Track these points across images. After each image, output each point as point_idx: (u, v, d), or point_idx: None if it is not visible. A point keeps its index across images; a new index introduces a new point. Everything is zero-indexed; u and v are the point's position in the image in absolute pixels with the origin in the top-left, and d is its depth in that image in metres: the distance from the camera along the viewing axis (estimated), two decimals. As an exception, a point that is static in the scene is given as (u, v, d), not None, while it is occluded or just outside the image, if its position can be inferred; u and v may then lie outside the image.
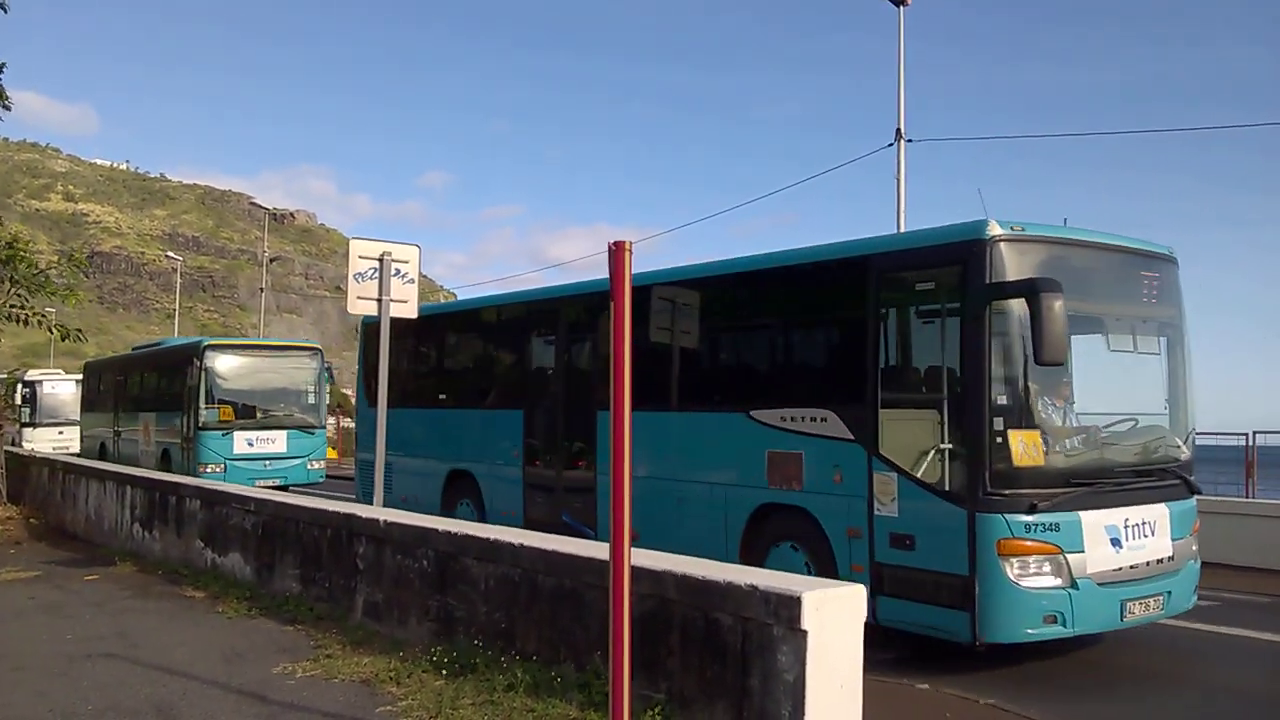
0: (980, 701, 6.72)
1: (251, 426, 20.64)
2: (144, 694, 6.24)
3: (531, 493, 11.95)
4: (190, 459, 20.38)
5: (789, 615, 4.58)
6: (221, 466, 19.81)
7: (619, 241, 4.12)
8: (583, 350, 12.13)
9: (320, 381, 22.13)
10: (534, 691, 5.73)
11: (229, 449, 20.19)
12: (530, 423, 12.23)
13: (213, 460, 19.93)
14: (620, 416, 4.12)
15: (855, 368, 8.49)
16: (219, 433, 20.21)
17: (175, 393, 22.10)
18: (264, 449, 20.56)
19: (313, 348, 22.98)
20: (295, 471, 20.96)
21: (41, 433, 34.68)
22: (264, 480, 19.20)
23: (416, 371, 14.98)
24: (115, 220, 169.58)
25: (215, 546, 10.49)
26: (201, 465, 19.73)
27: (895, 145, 20.32)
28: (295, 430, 21.13)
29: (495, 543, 6.64)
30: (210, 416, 20.28)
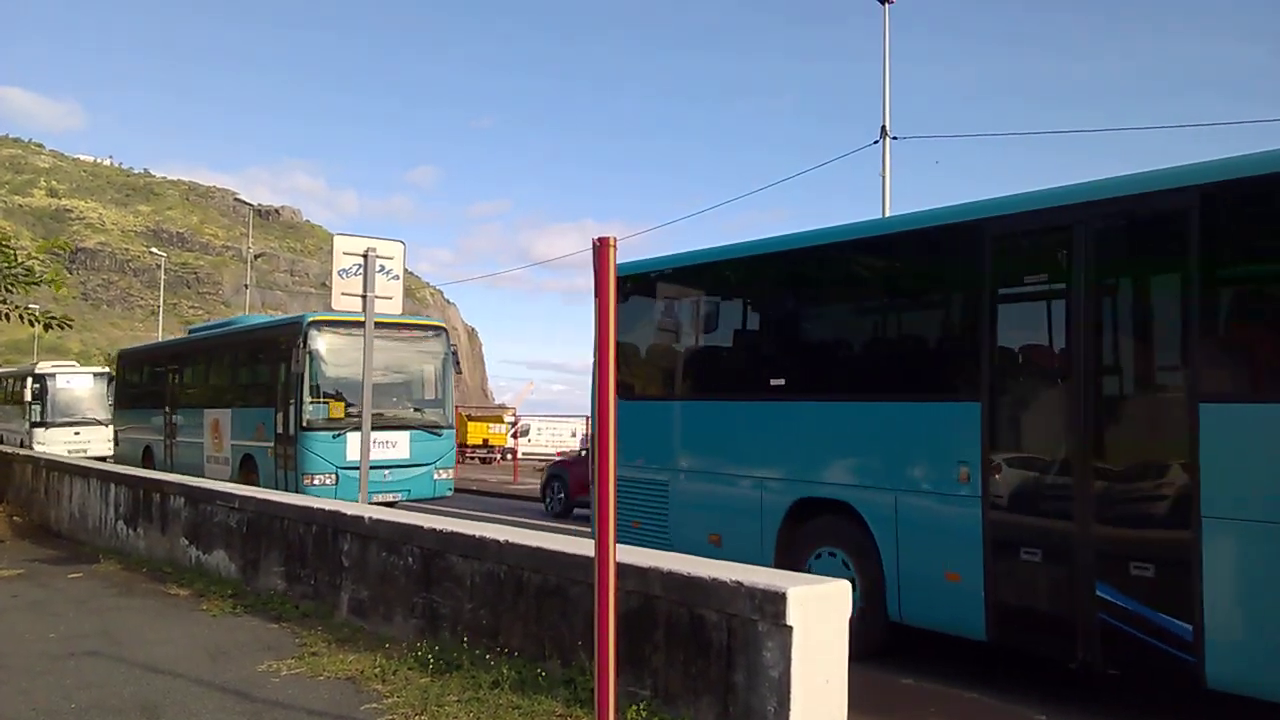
0: (965, 696, 6.75)
1: (374, 426, 16.31)
2: (128, 692, 6.21)
3: (1004, 553, 7.09)
4: (288, 468, 16.20)
5: (774, 611, 4.60)
6: (332, 478, 15.66)
7: (604, 237, 4.12)
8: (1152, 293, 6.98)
9: (447, 368, 17.70)
10: (519, 688, 5.73)
11: (340, 455, 15.78)
12: (1004, 421, 7.41)
13: (321, 470, 15.73)
14: (605, 410, 4.12)
15: None
16: (329, 434, 15.86)
17: (263, 384, 17.90)
18: (383, 455, 15.87)
19: (438, 326, 18.36)
20: (419, 482, 16.82)
21: (55, 434, 30.55)
22: (383, 495, 15.38)
23: (716, 344, 10.37)
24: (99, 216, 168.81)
25: (200, 544, 10.46)
26: (307, 476, 15.61)
27: (881, 142, 20.38)
28: (420, 431, 16.88)
29: (481, 540, 6.64)
30: (317, 413, 15.97)
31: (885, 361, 8.67)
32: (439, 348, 17.65)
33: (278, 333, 17.65)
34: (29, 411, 31.09)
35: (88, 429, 31.00)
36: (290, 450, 16.06)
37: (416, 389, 17.53)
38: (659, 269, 10.71)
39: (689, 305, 10.54)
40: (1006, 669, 7.73)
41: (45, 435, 30.44)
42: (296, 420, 15.91)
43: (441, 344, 17.70)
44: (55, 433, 30.61)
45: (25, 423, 31.30)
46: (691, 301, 10.52)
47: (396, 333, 17.06)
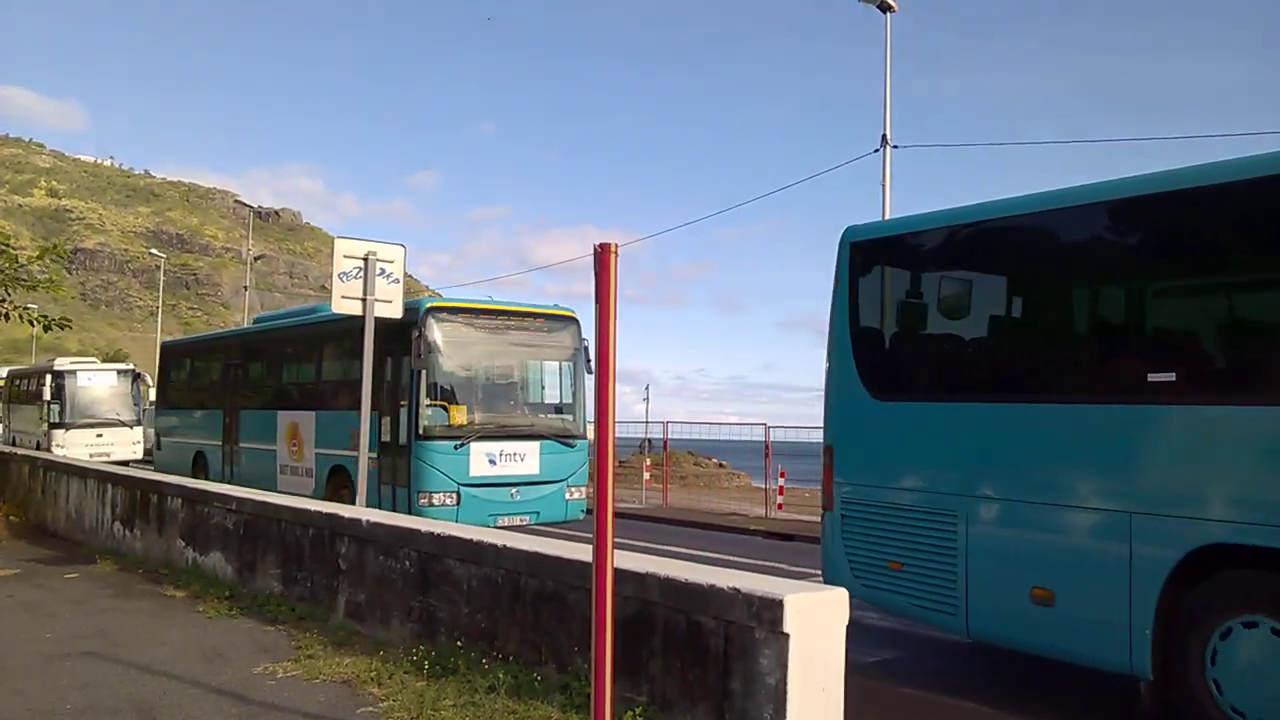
0: (964, 705, 6.75)
1: (494, 435, 13.70)
2: (124, 693, 6.20)
3: None
4: (396, 484, 13.72)
5: (771, 618, 4.59)
6: (453, 497, 13.21)
7: (605, 244, 4.12)
8: None
9: (579, 365, 14.99)
10: (515, 693, 5.72)
11: (463, 470, 13.29)
12: None
13: (441, 487, 13.17)
14: (604, 413, 4.11)
15: None
16: (449, 444, 13.28)
17: (356, 381, 14.68)
18: (509, 469, 13.65)
19: (568, 315, 15.15)
20: (550, 503, 14.25)
21: (75, 436, 28.12)
22: (509, 517, 13.52)
23: (1049, 326, 7.53)
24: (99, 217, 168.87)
25: (196, 545, 10.45)
26: (423, 495, 13.11)
27: (881, 151, 20.39)
28: (552, 441, 14.24)
29: (478, 544, 6.63)
30: (436, 419, 13.43)
31: None
32: (570, 341, 15.00)
33: (385, 322, 15.54)
34: (47, 412, 28.83)
35: (111, 431, 28.90)
36: (401, 463, 13.58)
37: (547, 391, 15.18)
38: (932, 227, 8.16)
39: (992, 272, 7.89)
40: (1007, 680, 7.72)
41: (64, 438, 28.14)
42: (410, 427, 13.42)
43: (573, 336, 15.03)
44: (75, 435, 28.30)
45: (42, 424, 29.16)
46: (996, 266, 7.80)
47: (520, 322, 14.59)
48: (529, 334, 14.67)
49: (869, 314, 8.53)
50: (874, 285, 8.56)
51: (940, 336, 8.29)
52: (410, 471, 13.31)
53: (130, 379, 30.08)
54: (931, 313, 8.25)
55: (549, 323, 14.87)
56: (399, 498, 13.57)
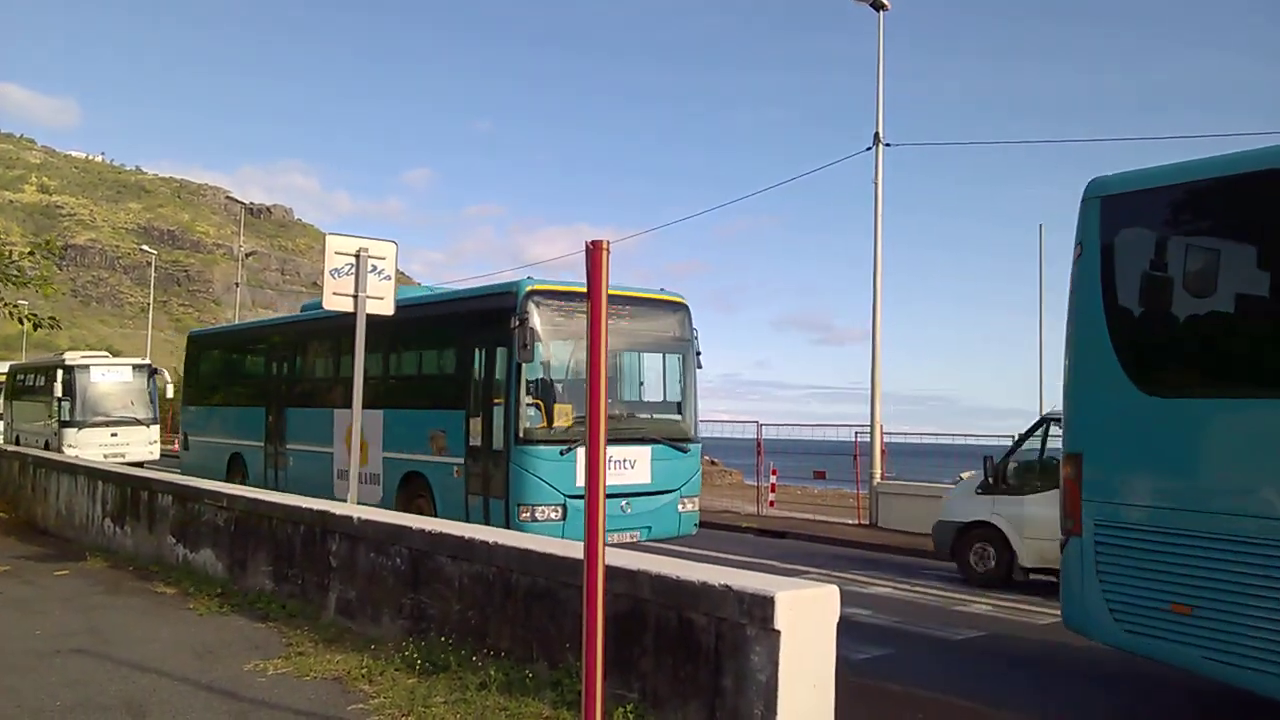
0: (956, 703, 6.76)
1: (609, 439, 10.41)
2: (114, 691, 6.19)
3: None
4: (490, 494, 11.99)
5: (762, 615, 4.60)
6: (558, 511, 11.53)
7: (596, 241, 4.12)
8: None
9: (690, 358, 13.29)
10: (507, 690, 5.72)
11: (569, 479, 11.53)
12: None
13: (544, 499, 11.50)
14: (596, 413, 4.12)
15: None
16: (554, 449, 11.57)
17: (446, 376, 13.64)
18: (619, 478, 11.79)
19: (677, 301, 13.42)
20: (663, 516, 12.54)
21: (87, 435, 26.31)
22: (619, 534, 11.94)
23: None
24: (90, 213, 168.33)
25: (187, 542, 10.42)
26: (524, 508, 11.45)
27: (874, 149, 20.42)
28: (664, 446, 12.60)
29: (470, 541, 6.63)
30: (539, 419, 11.73)
31: None
32: (681, 329, 13.26)
33: (474, 306, 13.20)
34: (58, 409, 26.85)
35: (126, 430, 27.11)
36: (495, 471, 11.87)
37: (656, 387, 13.39)
38: (1225, 173, 6.35)
39: None
40: (997, 678, 7.75)
41: (76, 437, 26.25)
42: (507, 429, 11.70)
43: (683, 325, 13.29)
44: (88, 434, 26.42)
45: (52, 422, 27.31)
46: None
47: (630, 309, 12.73)
48: (638, 322, 12.96)
49: (1131, 285, 6.79)
50: (1139, 249, 6.81)
51: (1240, 310, 6.38)
52: (508, 481, 11.58)
53: (146, 374, 28.50)
54: (1229, 277, 6.40)
55: (659, 309, 13.20)
56: (493, 511, 11.82)
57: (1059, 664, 8.33)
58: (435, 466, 13.06)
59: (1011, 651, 8.71)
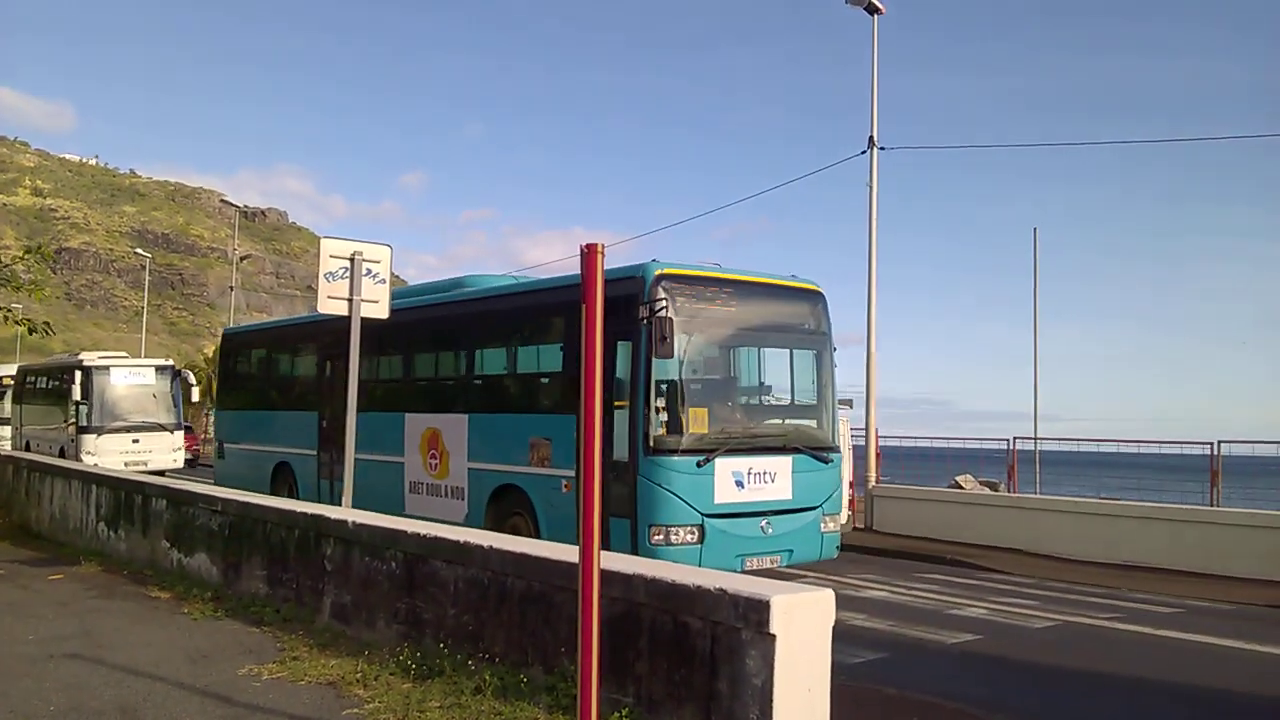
0: (948, 706, 6.77)
1: (744, 448, 10.48)
2: (108, 695, 6.17)
3: None
4: (615, 513, 10.17)
5: (758, 619, 4.59)
6: (694, 533, 10.00)
7: (591, 244, 4.13)
8: None
9: (828, 355, 11.79)
10: (502, 694, 5.71)
11: (706, 495, 10.10)
12: None
13: (680, 519, 9.97)
14: (591, 415, 4.12)
15: None
16: (690, 460, 10.07)
17: (549, 375, 12.09)
18: (759, 494, 10.46)
19: (816, 290, 11.88)
20: (805, 537, 10.92)
21: (108, 441, 24.49)
22: (759, 558, 10.50)
23: None
24: (84, 216, 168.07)
25: (181, 547, 10.40)
26: (656, 529, 9.90)
27: (868, 153, 20.44)
28: (804, 456, 10.96)
29: (465, 545, 6.62)
30: (673, 426, 10.20)
31: None
32: (817, 322, 11.74)
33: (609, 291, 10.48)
34: (76, 413, 24.92)
35: (149, 436, 25.26)
36: (619, 485, 10.24)
37: (793, 387, 11.78)
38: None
39: None
40: (991, 682, 7.75)
41: (96, 443, 24.43)
42: (634, 436, 10.15)
43: (819, 316, 11.77)
44: (108, 440, 24.60)
45: (68, 427, 25.52)
46: None
47: (766, 298, 11.32)
48: (775, 313, 11.48)
49: None
50: None
51: None
52: (635, 497, 10.05)
53: (170, 376, 26.64)
54: None
55: (792, 299, 11.63)
56: (613, 532, 10.15)
57: (1054, 668, 8.34)
58: (536, 480, 11.38)
59: (1007, 655, 8.72)
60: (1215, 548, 13.81)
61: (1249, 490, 19.58)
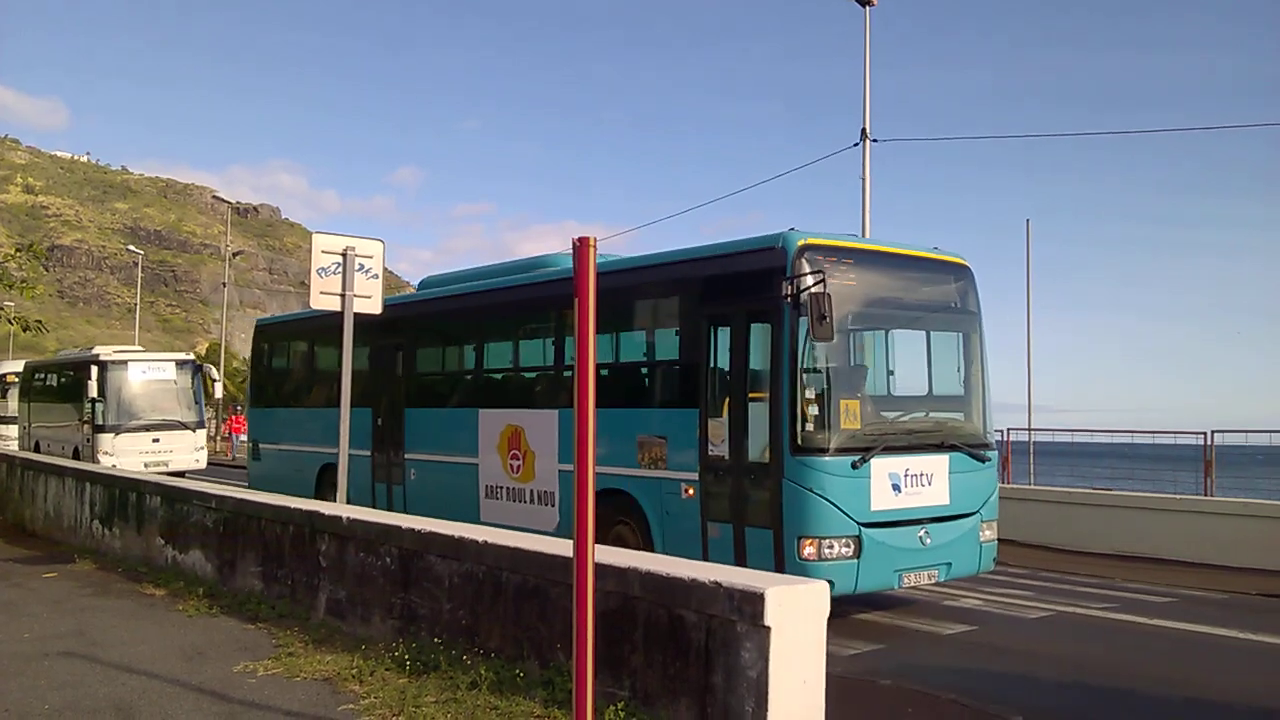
0: (943, 697, 6.78)
1: (898, 446, 9.28)
2: (103, 693, 6.17)
3: None
4: (752, 523, 9.09)
5: (752, 611, 4.60)
6: (852, 545, 8.72)
7: (583, 237, 4.12)
8: None
9: (979, 340, 10.41)
10: (497, 689, 5.72)
11: (863, 501, 8.85)
12: None
13: (836, 529, 8.67)
14: (584, 412, 4.12)
15: None
16: (845, 461, 8.80)
17: (666, 364, 10.64)
18: (916, 499, 9.22)
19: (964, 265, 10.44)
20: (963, 548, 9.63)
21: (125, 441, 23.32)
22: (917, 573, 9.27)
23: None
24: (76, 213, 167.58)
25: (176, 544, 10.39)
26: (808, 540, 8.60)
27: (861, 145, 20.43)
28: (962, 455, 9.70)
29: (460, 540, 6.62)
30: (821, 423, 8.88)
31: None
32: (966, 300, 10.40)
33: (711, 270, 9.99)
34: (93, 411, 23.70)
35: (170, 435, 24.06)
36: (757, 490, 9.06)
37: (939, 376, 10.40)
38: None
39: None
40: (984, 673, 7.77)
41: (113, 443, 23.23)
42: (776, 433, 8.87)
43: (969, 294, 10.42)
44: (126, 440, 23.40)
45: (83, 427, 24.33)
46: None
47: (915, 273, 10.11)
48: (924, 290, 10.20)
49: None
50: None
51: None
52: (780, 505, 8.78)
53: (191, 371, 25.34)
54: None
55: (946, 274, 10.31)
56: (751, 544, 9.01)
57: (1048, 658, 8.36)
58: (648, 484, 10.09)
59: (1001, 646, 8.74)
60: (1209, 537, 13.83)
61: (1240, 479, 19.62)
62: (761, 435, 9.07)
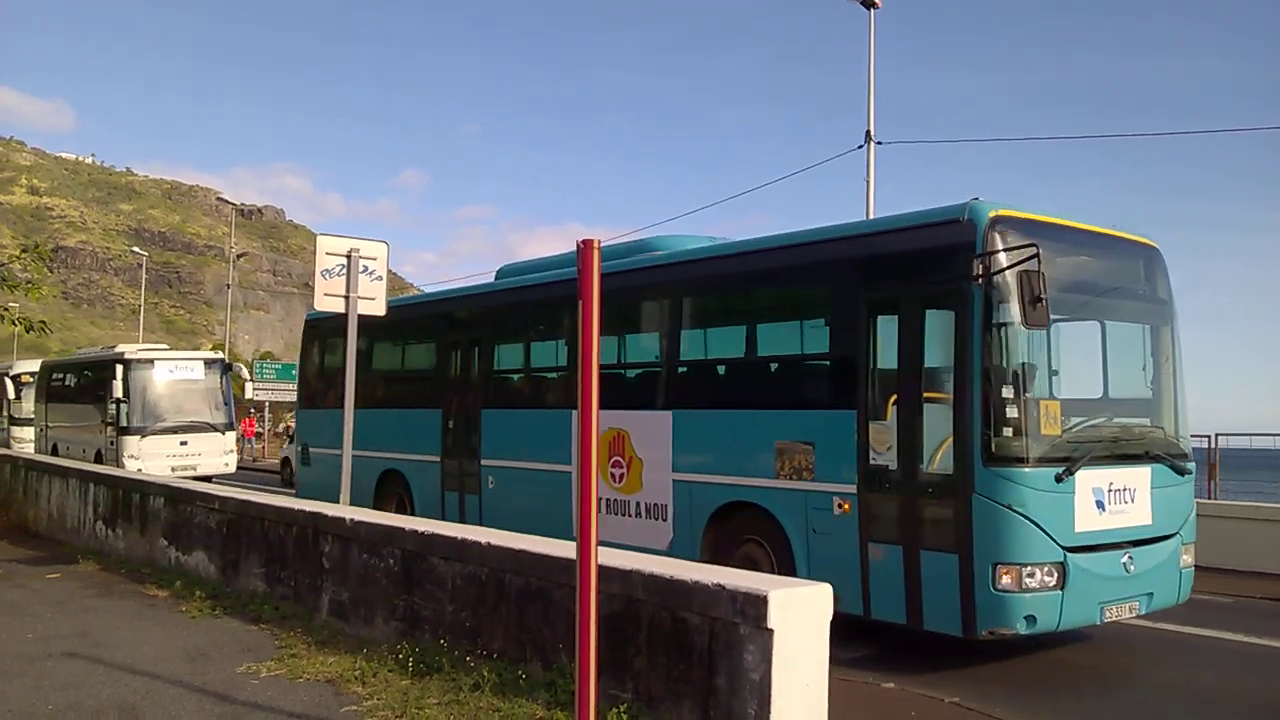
0: (945, 700, 6.77)
1: (1103, 456, 7.92)
2: (106, 694, 6.17)
3: None
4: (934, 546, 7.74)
5: (755, 614, 4.60)
6: (1055, 573, 7.42)
7: (587, 240, 4.12)
8: None
9: (1171, 329, 9.06)
10: (500, 691, 5.71)
11: (1067, 521, 7.55)
12: None
13: (1039, 554, 7.37)
14: (588, 415, 4.11)
15: None
16: (1047, 473, 7.52)
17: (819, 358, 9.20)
18: (1120, 518, 7.92)
19: (1149, 245, 9.07)
20: (1165, 574, 8.31)
21: (152, 444, 22.17)
22: (1119, 605, 7.91)
23: None
24: (80, 215, 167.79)
25: (179, 545, 10.39)
26: (1006, 569, 7.30)
27: (865, 147, 20.43)
28: (1163, 467, 8.37)
29: (463, 541, 6.62)
30: (1020, 429, 7.54)
31: None
32: (1158, 288, 9.10)
33: (876, 248, 8.76)
34: (118, 413, 22.50)
35: (198, 438, 22.94)
36: (937, 508, 7.77)
37: (1131, 376, 9.00)
38: None
39: None
40: (987, 676, 7.75)
41: (139, 446, 22.06)
42: (964, 441, 7.57)
43: (1165, 282, 9.12)
44: (153, 443, 22.23)
45: (106, 429, 23.16)
46: None
47: (1109, 255, 8.77)
48: (1119, 274, 8.83)
49: None
50: None
51: None
52: (970, 524, 7.44)
53: (219, 371, 24.18)
54: None
55: (1139, 258, 8.97)
56: (930, 570, 7.72)
57: (1050, 661, 8.34)
58: (788, 497, 8.77)
59: (1005, 649, 8.71)
60: (1214, 540, 13.77)
61: (1246, 482, 19.55)
62: (943, 441, 7.79)
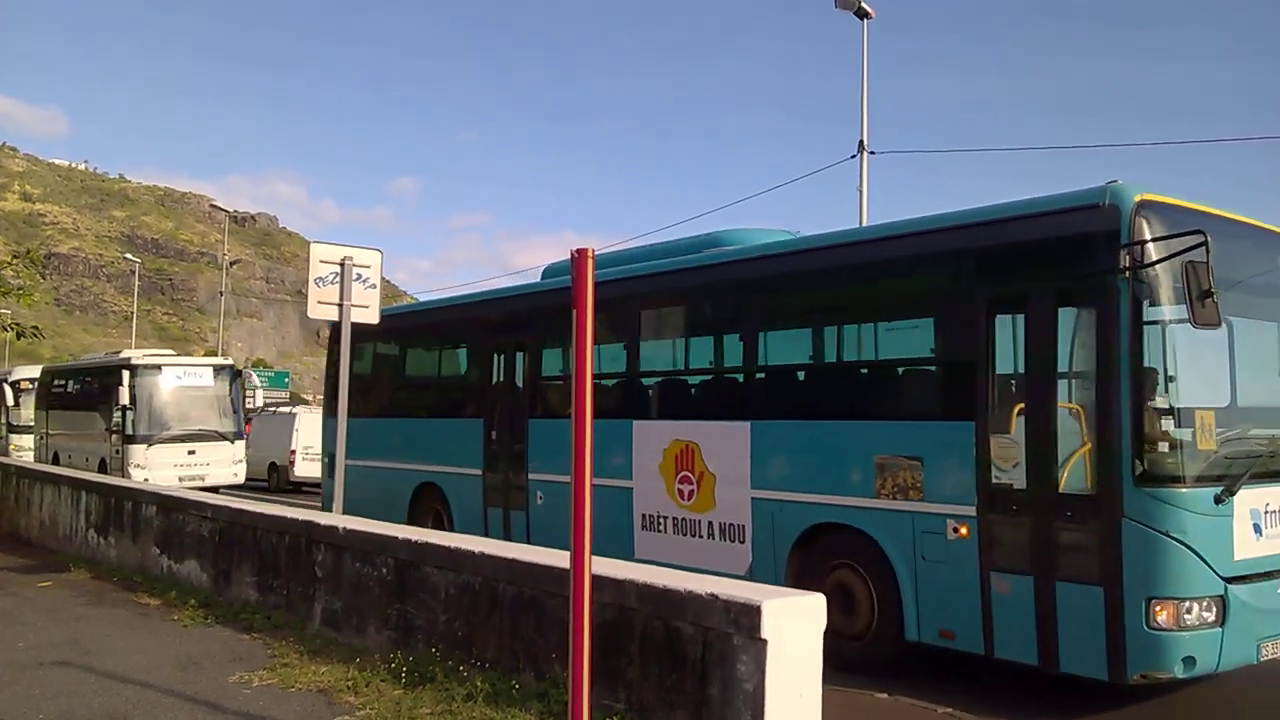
0: (938, 710, 6.77)
1: (1262, 473, 6.77)
2: (97, 703, 6.15)
3: None
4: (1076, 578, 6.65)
5: (749, 624, 4.60)
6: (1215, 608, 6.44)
7: (581, 249, 4.13)
8: None
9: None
10: (493, 700, 5.71)
11: (1225, 546, 6.53)
12: None
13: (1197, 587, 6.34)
14: (581, 424, 4.12)
15: None
16: (1205, 494, 6.47)
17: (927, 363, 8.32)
18: (1275, 544, 6.84)
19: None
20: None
21: (159, 453, 21.53)
22: (1275, 640, 6.84)
23: None
24: (73, 221, 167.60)
25: (171, 553, 10.36)
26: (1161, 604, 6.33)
27: (859, 157, 20.47)
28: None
29: (456, 551, 6.61)
30: (1175, 443, 6.48)
31: None
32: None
33: (990, 236, 7.65)
34: (122, 421, 21.89)
35: (206, 447, 22.25)
36: (1079, 534, 6.75)
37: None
38: None
39: None
40: (982, 685, 7.75)
41: (146, 455, 21.42)
42: (1110, 458, 6.60)
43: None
44: (160, 452, 21.57)
45: (110, 437, 22.42)
46: None
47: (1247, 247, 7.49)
48: (1265, 270, 7.68)
49: None
50: None
51: None
52: (1120, 553, 6.47)
53: (229, 378, 23.37)
54: None
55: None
56: (1068, 604, 6.75)
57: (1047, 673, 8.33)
58: (891, 518, 7.83)
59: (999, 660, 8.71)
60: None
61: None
62: (1082, 457, 6.83)
